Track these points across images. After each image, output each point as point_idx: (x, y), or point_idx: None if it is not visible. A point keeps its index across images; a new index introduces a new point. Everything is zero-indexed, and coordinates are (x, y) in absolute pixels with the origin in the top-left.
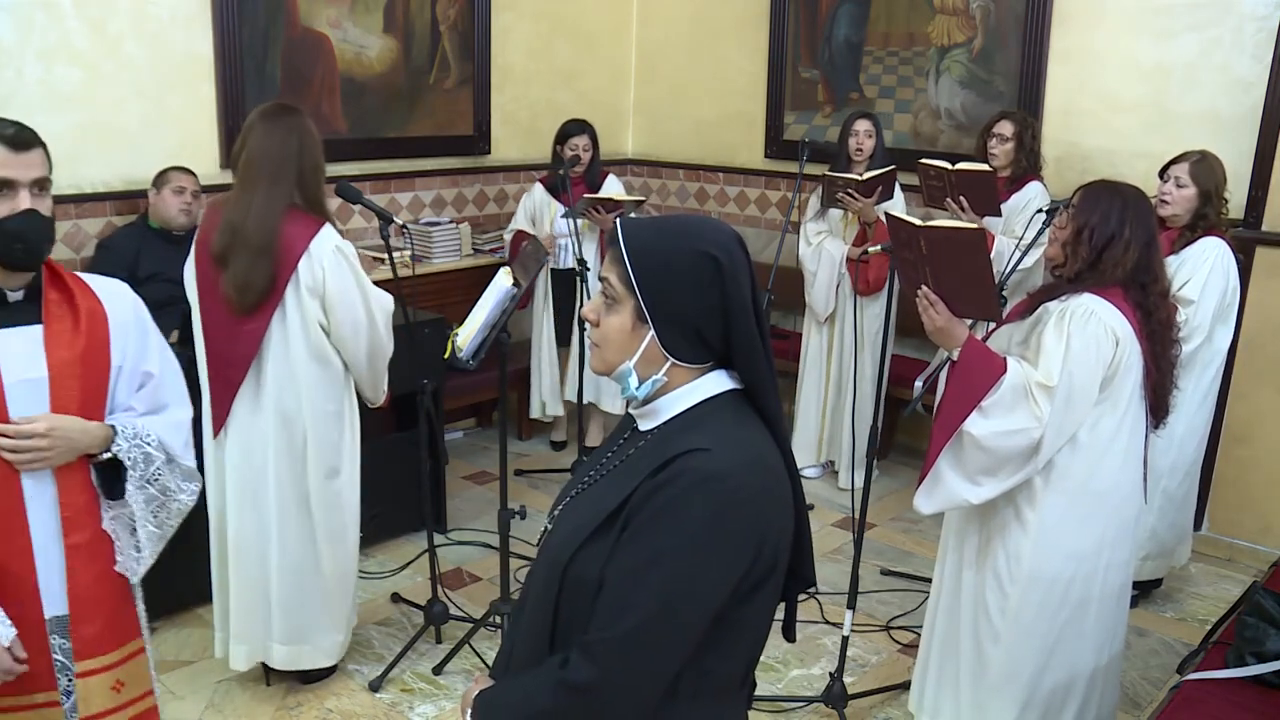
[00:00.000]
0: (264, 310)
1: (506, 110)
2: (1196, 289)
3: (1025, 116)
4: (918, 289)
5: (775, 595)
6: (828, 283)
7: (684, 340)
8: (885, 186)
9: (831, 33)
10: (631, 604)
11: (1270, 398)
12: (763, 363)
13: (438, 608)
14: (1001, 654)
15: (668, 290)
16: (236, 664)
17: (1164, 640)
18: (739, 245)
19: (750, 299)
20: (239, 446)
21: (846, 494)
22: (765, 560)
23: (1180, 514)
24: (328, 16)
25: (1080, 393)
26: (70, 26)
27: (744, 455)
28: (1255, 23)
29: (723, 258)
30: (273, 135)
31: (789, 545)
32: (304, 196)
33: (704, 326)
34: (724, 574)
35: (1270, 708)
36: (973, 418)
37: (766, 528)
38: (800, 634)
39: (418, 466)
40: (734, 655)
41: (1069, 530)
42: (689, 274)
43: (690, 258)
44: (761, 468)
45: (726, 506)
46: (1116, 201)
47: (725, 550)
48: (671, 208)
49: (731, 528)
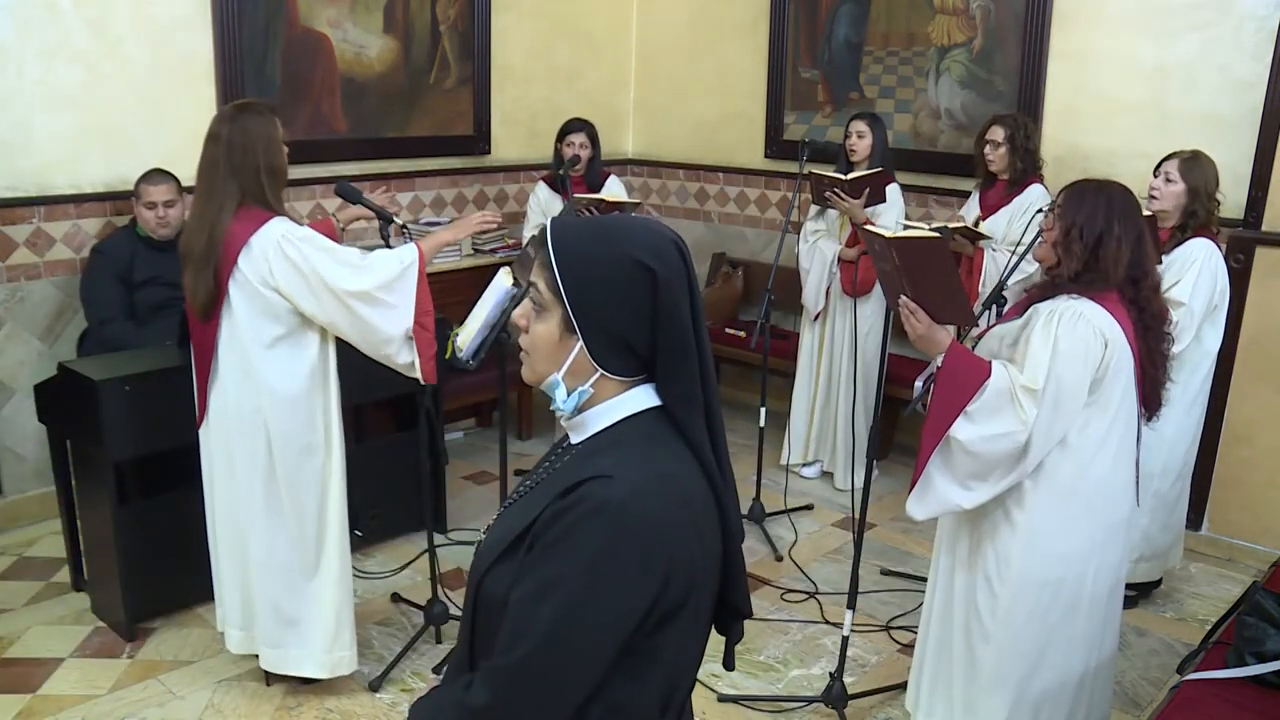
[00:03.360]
0: (216, 310)
1: (506, 110)
2: (1186, 290)
3: (1016, 118)
4: (898, 299)
5: (696, 625)
6: (818, 282)
7: (612, 351)
8: (874, 189)
9: (831, 33)
10: (524, 633)
11: (1270, 398)
12: (691, 379)
13: (438, 608)
14: (992, 654)
15: (596, 298)
16: (231, 645)
17: (1164, 640)
18: (676, 250)
19: (688, 310)
20: (214, 435)
21: (846, 494)
22: (676, 590)
23: (1172, 515)
24: (328, 16)
25: (1068, 395)
26: (70, 26)
27: (650, 481)
28: (1255, 23)
29: (656, 265)
30: (208, 141)
31: (711, 572)
32: (251, 198)
33: (634, 338)
34: (622, 605)
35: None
36: (959, 423)
37: (674, 556)
38: (800, 634)
39: (418, 466)
40: (647, 687)
41: (1058, 532)
42: (619, 282)
43: (620, 264)
44: (670, 494)
45: (623, 535)
46: (1102, 199)
47: (622, 580)
48: (671, 208)
49: (628, 557)
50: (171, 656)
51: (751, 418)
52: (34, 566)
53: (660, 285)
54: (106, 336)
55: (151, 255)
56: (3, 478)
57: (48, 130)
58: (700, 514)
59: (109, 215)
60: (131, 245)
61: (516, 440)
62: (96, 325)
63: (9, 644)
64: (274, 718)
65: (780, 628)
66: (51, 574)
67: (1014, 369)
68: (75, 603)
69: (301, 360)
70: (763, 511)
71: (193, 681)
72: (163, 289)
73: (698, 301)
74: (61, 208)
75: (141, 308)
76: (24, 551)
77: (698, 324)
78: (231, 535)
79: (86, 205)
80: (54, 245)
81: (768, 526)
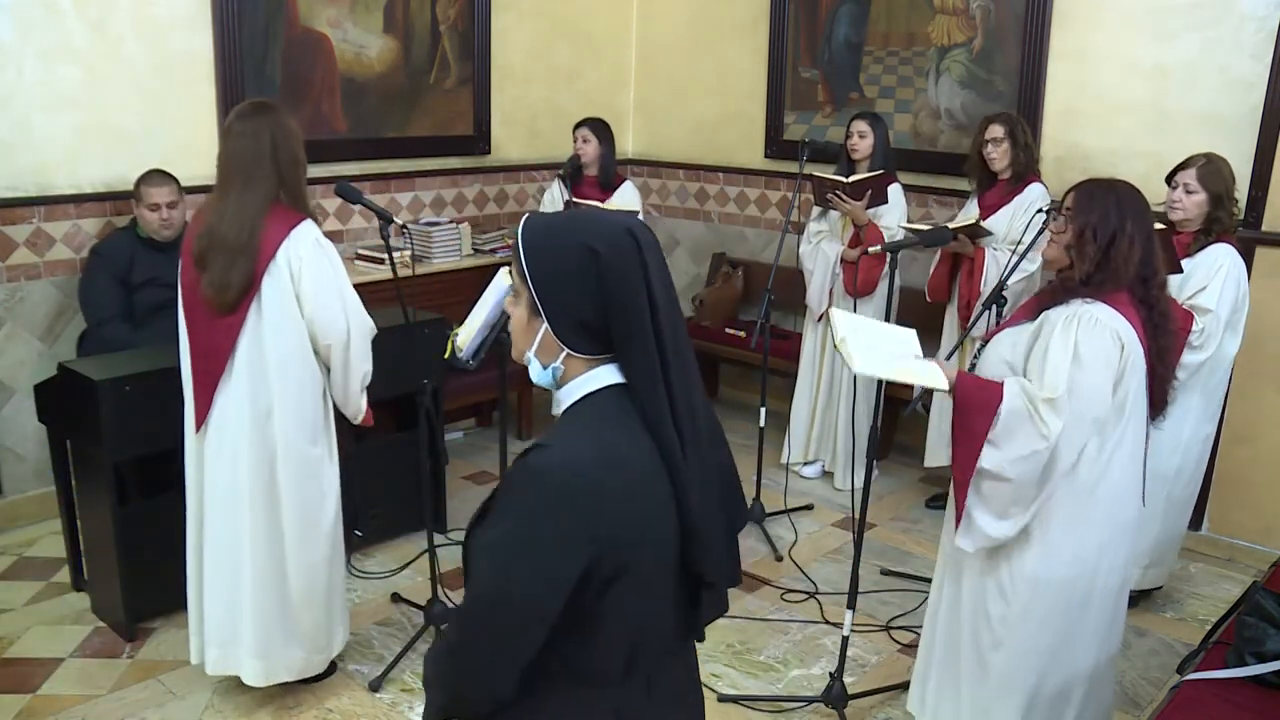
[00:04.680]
0: (243, 305)
1: (506, 110)
2: (1213, 297)
3: (1010, 115)
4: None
5: (650, 589)
6: (821, 282)
7: (574, 331)
8: (876, 190)
9: (831, 33)
10: (471, 584)
11: (1270, 398)
12: (648, 358)
13: (438, 608)
14: (1003, 660)
15: (554, 283)
16: (210, 666)
17: (1164, 640)
18: (630, 236)
19: (642, 292)
20: (218, 438)
21: (845, 494)
22: (614, 556)
23: (1181, 519)
24: (328, 16)
25: (1092, 402)
26: (70, 26)
27: (588, 451)
28: (1255, 23)
29: (602, 249)
30: (246, 135)
31: (662, 540)
32: (286, 192)
33: (588, 318)
34: (547, 565)
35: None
36: (985, 451)
37: (606, 523)
38: (800, 634)
39: (418, 466)
40: (604, 648)
41: (1072, 536)
42: (570, 266)
43: (573, 250)
44: (609, 464)
45: (549, 502)
46: (1112, 198)
47: (549, 544)
48: (671, 208)
49: (552, 521)
50: (171, 656)
51: (752, 418)
52: (34, 566)
53: (604, 267)
54: (103, 337)
55: (151, 256)
56: (3, 478)
57: (48, 130)
58: (640, 484)
59: (109, 215)
60: (131, 246)
61: (516, 440)
62: (94, 326)
63: (9, 644)
64: (274, 718)
65: (780, 628)
66: (51, 574)
67: (1028, 383)
68: (75, 603)
69: (313, 366)
70: (763, 511)
71: (192, 681)
72: (162, 290)
73: (655, 284)
74: (61, 208)
75: (140, 309)
76: (24, 551)
77: (655, 306)
78: (226, 543)
79: (86, 205)
80: (54, 245)
81: (768, 526)
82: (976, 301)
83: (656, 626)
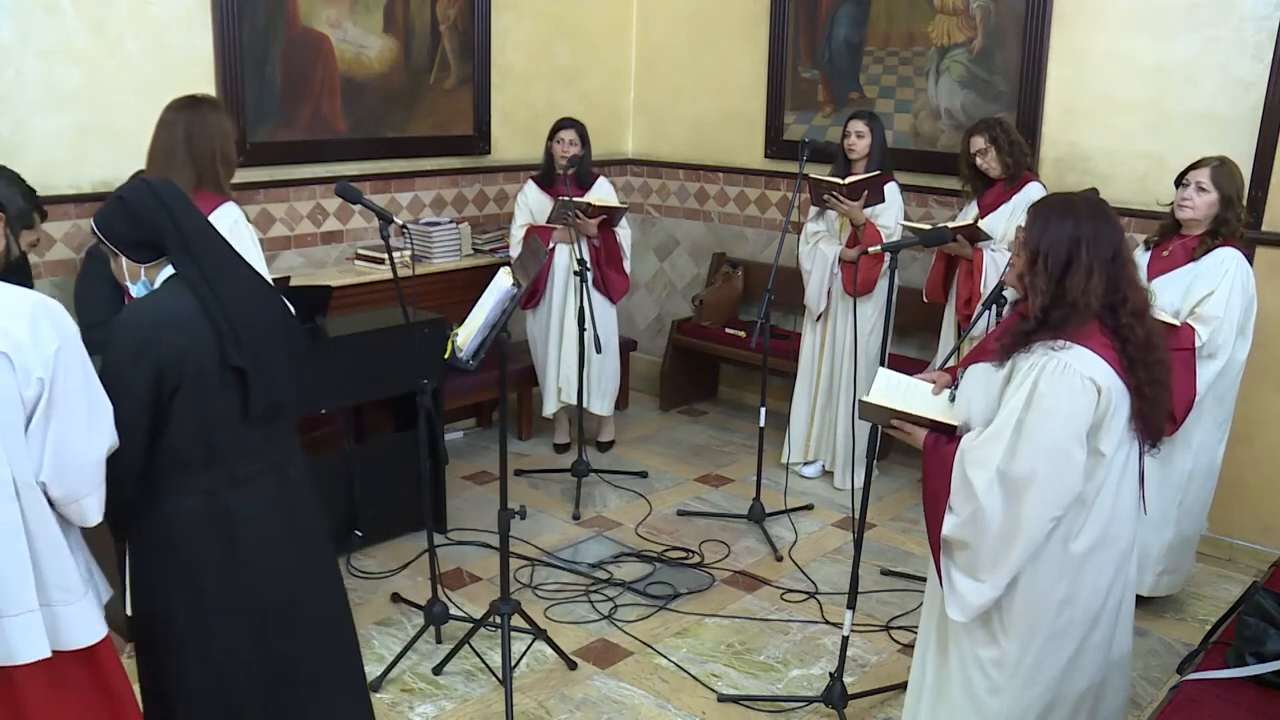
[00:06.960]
0: None
1: (506, 110)
2: (1221, 304)
3: (990, 121)
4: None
5: (204, 395)
6: (820, 282)
7: (138, 253)
8: (873, 190)
9: (831, 33)
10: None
11: (1271, 398)
12: (179, 251)
13: (438, 608)
14: (1004, 704)
15: (116, 236)
16: None
17: (1164, 640)
18: (152, 192)
19: (164, 215)
20: None
21: (845, 494)
22: (173, 371)
23: (1195, 524)
24: (328, 16)
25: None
26: (70, 26)
27: (146, 307)
28: (1255, 23)
29: (127, 195)
30: (162, 127)
31: (204, 355)
32: (208, 183)
33: (143, 240)
34: (128, 380)
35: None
36: (946, 520)
37: (160, 348)
38: (800, 634)
39: (418, 466)
40: (184, 434)
41: (1064, 581)
42: (121, 218)
43: (122, 214)
44: (160, 312)
45: (121, 339)
46: (1068, 220)
47: (123, 363)
48: (671, 208)
49: (123, 350)
50: None
51: (752, 417)
52: None
53: (131, 207)
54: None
55: None
56: None
57: (48, 130)
58: (185, 324)
59: None
60: None
61: (516, 440)
62: (84, 329)
63: None
64: None
65: (780, 628)
66: None
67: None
68: None
69: None
70: (763, 511)
71: None
72: None
73: (180, 217)
74: (62, 208)
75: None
76: None
77: (180, 224)
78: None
79: (86, 205)
80: (54, 245)
81: (768, 526)
82: (977, 300)
83: (219, 414)
